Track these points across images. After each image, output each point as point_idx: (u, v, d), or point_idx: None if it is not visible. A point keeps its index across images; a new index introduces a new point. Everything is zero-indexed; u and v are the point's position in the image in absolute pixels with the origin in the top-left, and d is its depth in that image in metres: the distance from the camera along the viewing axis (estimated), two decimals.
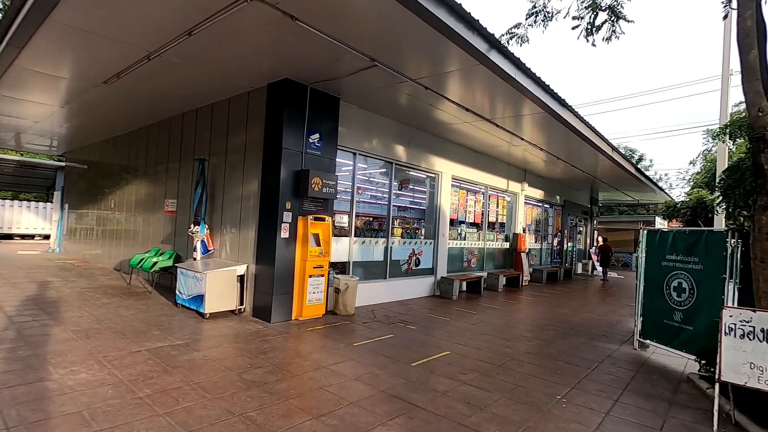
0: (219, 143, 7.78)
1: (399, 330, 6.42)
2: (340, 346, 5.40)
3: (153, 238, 9.78)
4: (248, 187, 7.02)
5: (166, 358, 4.52)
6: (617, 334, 7.17)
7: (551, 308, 9.31)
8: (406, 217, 9.92)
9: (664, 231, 5.96)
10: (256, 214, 6.78)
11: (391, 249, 8.90)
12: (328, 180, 6.81)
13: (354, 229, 8.04)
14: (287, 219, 6.47)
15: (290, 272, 6.55)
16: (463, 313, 8.11)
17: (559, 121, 7.71)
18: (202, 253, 7.54)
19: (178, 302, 6.94)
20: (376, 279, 8.59)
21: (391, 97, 7.25)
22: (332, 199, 7.05)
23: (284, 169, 6.43)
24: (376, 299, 8.40)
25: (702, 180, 12.20)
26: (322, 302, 6.87)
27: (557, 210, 16.86)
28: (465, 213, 11.33)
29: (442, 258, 10.18)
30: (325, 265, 6.87)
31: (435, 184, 10.19)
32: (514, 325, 7.36)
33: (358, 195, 8.28)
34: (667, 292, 5.72)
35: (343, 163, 7.95)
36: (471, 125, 8.60)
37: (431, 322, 7.16)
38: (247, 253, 6.93)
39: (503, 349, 5.72)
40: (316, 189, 6.59)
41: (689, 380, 4.87)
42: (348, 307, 7.18)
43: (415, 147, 9.26)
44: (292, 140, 6.51)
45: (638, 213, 29.23)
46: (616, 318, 8.68)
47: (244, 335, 5.62)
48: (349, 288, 7.14)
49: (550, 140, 9.71)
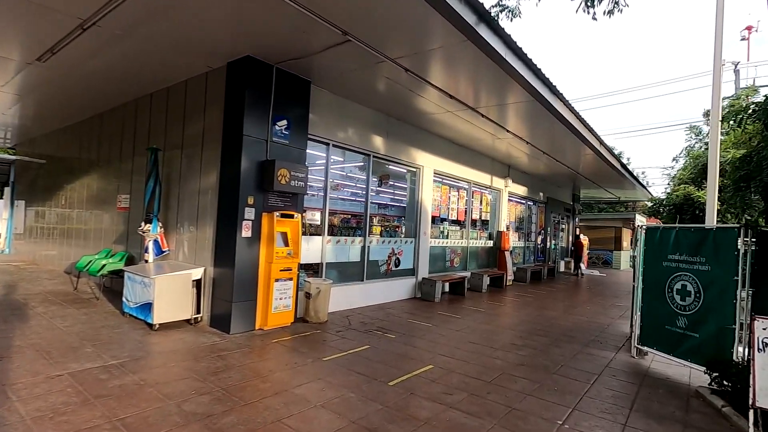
0: (175, 131, 6.93)
1: (376, 339, 5.75)
2: (307, 361, 4.69)
3: (105, 238, 8.83)
4: (206, 180, 6.22)
5: (91, 384, 3.72)
6: (610, 339, 6.68)
7: (538, 310, 8.81)
8: (386, 215, 9.26)
9: (666, 228, 5.46)
10: (214, 211, 5.99)
11: (369, 248, 8.23)
12: (297, 172, 6.07)
13: (327, 228, 7.32)
14: (249, 216, 5.71)
15: (253, 276, 5.80)
16: (446, 317, 7.50)
17: (548, 110, 7.17)
18: (156, 254, 6.70)
19: (125, 311, 6.09)
20: (352, 281, 7.90)
21: (367, 82, 6.56)
22: (302, 193, 6.31)
23: (246, 159, 5.66)
24: (351, 303, 7.71)
25: (688, 176, 11.99)
26: (290, 309, 6.14)
27: (540, 207, 16.49)
28: (448, 210, 10.74)
29: (423, 258, 9.56)
30: (294, 267, 6.14)
31: (416, 179, 9.56)
32: (501, 330, 6.78)
33: (332, 190, 7.57)
34: (669, 295, 5.22)
35: (316, 155, 7.22)
36: (454, 115, 7.99)
37: (412, 329, 6.52)
38: (204, 254, 6.13)
39: (493, 361, 5.12)
40: (283, 182, 5.85)
41: (699, 395, 4.36)
42: (320, 314, 6.46)
43: (394, 139, 8.59)
44: (255, 127, 5.74)
45: (617, 210, 29.35)
46: (605, 320, 8.23)
47: (196, 350, 4.84)
48: (321, 292, 6.42)
49: (536, 132, 9.19)
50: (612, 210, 29.65)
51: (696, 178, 11.82)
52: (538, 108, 7.12)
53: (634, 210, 29.32)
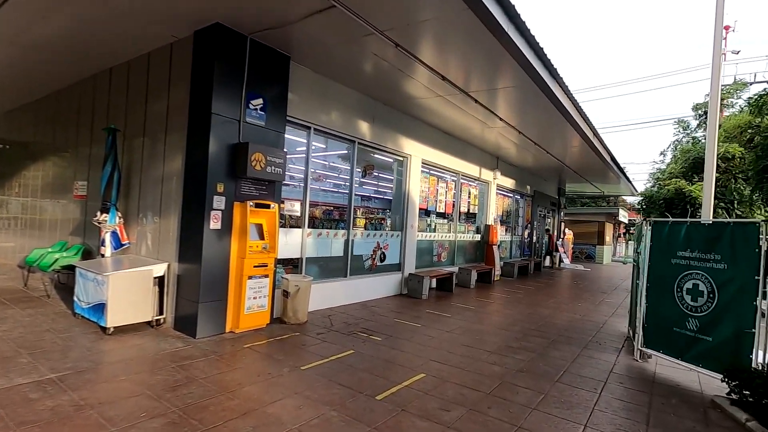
0: (137, 111, 6.19)
1: (360, 343, 5.21)
2: (283, 371, 4.12)
3: (62, 230, 8.01)
4: (171, 165, 5.53)
5: (17, 406, 3.08)
6: (609, 339, 6.31)
7: (530, 308, 8.42)
8: (371, 207, 8.71)
9: (676, 223, 5.07)
10: (179, 199, 5.32)
11: (353, 242, 7.66)
12: (274, 157, 5.45)
13: (308, 220, 6.72)
14: (219, 205, 5.06)
15: (223, 273, 5.17)
16: (435, 316, 7.02)
17: (546, 95, 6.69)
18: (114, 248, 5.99)
19: (77, 312, 5.39)
20: (335, 278, 7.33)
21: (353, 59, 5.95)
22: (279, 181, 5.69)
23: (215, 141, 5.00)
24: (334, 301, 7.14)
25: (679, 170, 11.82)
26: (266, 309, 5.54)
27: (527, 201, 16.19)
28: (436, 202, 10.25)
29: (410, 252, 9.05)
30: (270, 263, 5.54)
31: (403, 168, 9.01)
32: (495, 331, 6.34)
33: (315, 181, 6.95)
34: (678, 294, 4.84)
35: (296, 140, 6.59)
36: (445, 100, 7.45)
37: (399, 330, 6.01)
38: (168, 248, 5.47)
39: (490, 367, 4.65)
40: (257, 168, 5.22)
41: (716, 406, 3.98)
42: (299, 314, 5.89)
43: (381, 125, 8.01)
44: (225, 104, 5.08)
45: (599, 205, 29.49)
46: (599, 318, 7.89)
47: (154, 359, 4.21)
48: (300, 290, 5.84)
49: (528, 121, 8.72)
50: (594, 204, 29.80)
51: (687, 173, 11.67)
52: (535, 93, 6.64)
53: (616, 205, 29.55)
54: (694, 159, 11.52)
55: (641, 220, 5.64)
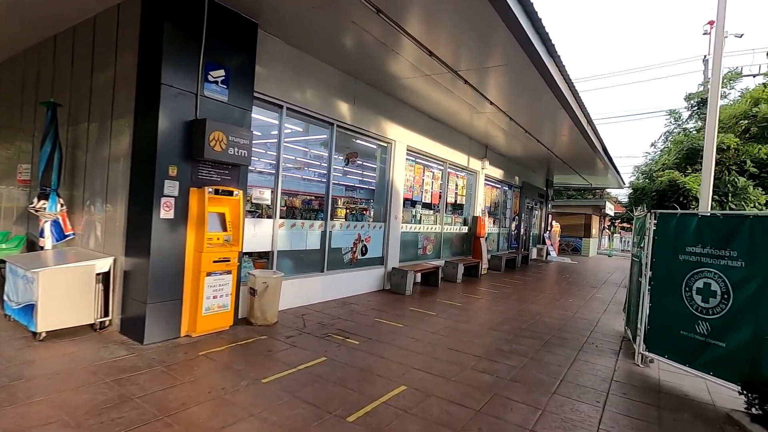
0: (82, 83, 5.43)
1: (335, 348, 4.64)
2: (241, 385, 3.52)
3: (5, 218, 7.21)
4: (117, 145, 4.82)
5: None
6: (605, 339, 5.87)
7: (519, 304, 7.96)
8: (352, 197, 8.10)
9: (686, 215, 4.59)
10: (126, 184, 4.63)
11: (331, 234, 7.05)
12: (238, 137, 4.78)
13: (280, 209, 6.07)
14: (171, 191, 4.39)
15: (177, 269, 4.51)
16: (419, 315, 6.49)
17: (541, 75, 6.13)
18: (56, 239, 5.27)
19: (7, 313, 4.68)
20: (311, 273, 6.72)
21: (331, 29, 5.28)
22: (245, 165, 5.03)
23: (166, 116, 4.31)
24: (309, 298, 6.54)
25: (673, 162, 11.50)
26: (228, 309, 4.91)
27: (515, 192, 15.77)
28: (421, 192, 9.68)
29: (394, 245, 8.49)
30: (234, 257, 4.90)
31: (387, 155, 8.40)
32: (483, 332, 5.83)
33: (287, 166, 6.31)
34: (687, 294, 4.37)
35: (266, 121, 5.92)
36: (432, 80, 6.84)
37: (379, 331, 5.45)
38: (115, 240, 4.78)
39: (479, 377, 4.12)
40: (217, 148, 4.55)
41: (734, 422, 3.53)
42: (268, 314, 5.28)
43: (362, 106, 7.36)
44: (178, 75, 4.38)
45: (585, 197, 29.38)
46: (591, 315, 7.47)
47: (86, 373, 3.56)
48: (269, 288, 5.22)
49: (519, 105, 8.15)
50: (579, 197, 29.68)
51: (680, 164, 11.35)
52: (529, 72, 6.08)
53: (602, 197, 29.47)
54: (688, 150, 11.20)
55: (644, 212, 5.17)
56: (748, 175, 10.60)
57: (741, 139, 10.83)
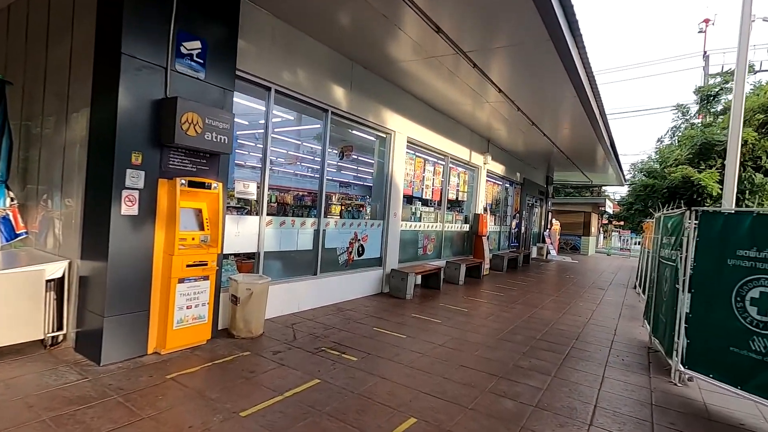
0: (37, 57, 4.70)
1: (329, 366, 3.98)
2: (214, 421, 2.86)
3: None
4: (74, 128, 4.11)
5: None
6: (629, 351, 5.29)
7: (528, 308, 7.36)
8: (348, 193, 7.44)
9: (738, 214, 3.99)
10: (82, 174, 3.93)
11: (325, 233, 6.38)
12: (217, 120, 4.09)
13: (267, 205, 5.39)
14: (134, 182, 3.70)
15: (142, 274, 3.83)
16: (422, 322, 5.85)
17: (560, 57, 5.51)
18: (6, 239, 4.55)
19: None
20: (302, 276, 6.06)
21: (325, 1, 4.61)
22: (225, 153, 4.33)
23: (127, 92, 3.61)
24: (300, 305, 5.88)
25: (685, 157, 10.97)
26: (205, 321, 4.23)
27: (517, 189, 15.19)
28: (422, 188, 9.04)
29: (393, 244, 7.84)
30: (211, 260, 4.22)
31: (386, 147, 7.73)
32: (496, 343, 5.21)
33: (276, 160, 5.63)
34: (738, 306, 3.78)
35: (251, 107, 5.24)
36: (435, 64, 6.18)
37: (380, 343, 4.81)
38: (71, 241, 4.07)
39: (501, 403, 3.49)
40: (191, 132, 3.86)
41: None
42: (252, 325, 4.61)
43: (360, 93, 6.69)
44: (143, 43, 3.68)
45: (583, 195, 28.95)
46: (607, 321, 6.90)
47: (22, 406, 2.87)
48: (253, 295, 4.55)
49: (527, 91, 7.45)
50: (577, 195, 29.24)
51: (693, 159, 10.85)
52: (546, 53, 5.44)
53: (600, 195, 29.07)
54: (701, 144, 10.69)
55: (681, 210, 4.57)
56: (764, 171, 10.11)
57: (759, 133, 10.33)
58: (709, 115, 14.08)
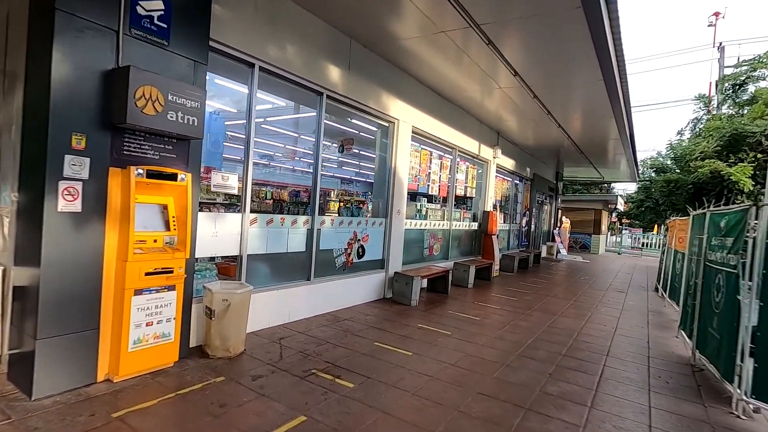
0: None
1: (320, 397, 3.27)
2: None
3: None
4: (9, 105, 3.40)
5: None
6: (670, 370, 4.55)
7: (547, 316, 6.63)
8: (348, 190, 6.74)
9: None
10: (16, 161, 3.22)
11: (320, 233, 5.66)
12: (184, 97, 3.37)
13: (251, 200, 4.67)
14: (76, 171, 2.98)
15: (89, 285, 3.11)
16: (430, 335, 5.13)
17: (590, 26, 4.76)
18: None
19: None
20: (293, 282, 5.34)
21: None
22: (195, 137, 3.61)
23: (64, 60, 2.89)
24: (291, 314, 5.17)
25: (713, 150, 10.17)
26: (171, 339, 3.53)
27: (526, 185, 14.43)
28: (428, 183, 8.30)
29: (396, 245, 7.11)
30: (178, 266, 3.51)
31: (389, 138, 7.00)
32: (517, 361, 4.48)
33: (263, 151, 4.91)
34: None
35: (230, 88, 4.52)
36: (442, 42, 5.44)
37: (381, 364, 4.09)
38: (10, 242, 3.37)
39: None
40: (149, 111, 3.14)
41: None
42: (230, 342, 3.90)
43: (359, 74, 5.96)
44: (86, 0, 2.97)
45: (592, 192, 28.10)
46: (636, 331, 6.16)
47: None
48: (231, 307, 3.84)
49: (545, 73, 6.67)
50: (586, 192, 28.40)
51: (722, 152, 10.05)
52: (573, 25, 4.72)
53: (609, 192, 28.21)
54: (731, 135, 9.90)
55: (742, 206, 3.83)
56: None
57: None
58: (734, 105, 13.27)
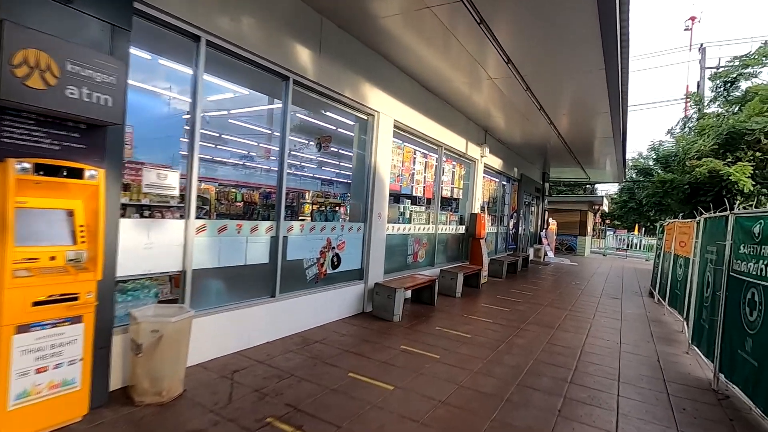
0: None
1: None
2: None
3: None
4: None
5: None
6: (693, 398, 3.92)
7: (544, 330, 5.97)
8: (323, 191, 5.95)
9: None
10: None
11: (287, 241, 4.86)
12: (90, 68, 2.55)
13: (197, 204, 3.86)
14: None
15: None
16: (416, 360, 4.39)
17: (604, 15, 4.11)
18: None
19: None
20: (253, 299, 4.52)
21: None
22: (110, 123, 2.79)
23: None
24: (251, 339, 4.36)
25: (710, 148, 9.75)
26: (77, 387, 2.69)
27: (514, 186, 13.87)
28: (412, 183, 7.58)
29: (376, 252, 6.36)
30: (86, 290, 2.68)
31: (368, 132, 6.26)
32: (518, 394, 3.77)
33: (209, 138, 4.10)
34: None
35: (171, 68, 3.70)
36: (430, 18, 4.72)
37: (355, 404, 3.32)
38: None
39: None
40: (34, 83, 2.32)
41: None
42: (163, 383, 3.07)
43: (332, 58, 5.19)
44: None
45: (576, 193, 27.92)
46: (644, 347, 5.56)
47: None
48: (164, 338, 3.02)
49: (536, 58, 6.07)
50: (571, 193, 28.20)
51: (718, 151, 9.63)
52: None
53: (593, 193, 28.06)
54: (729, 133, 9.50)
55: None
56: None
57: None
58: (726, 103, 12.99)
